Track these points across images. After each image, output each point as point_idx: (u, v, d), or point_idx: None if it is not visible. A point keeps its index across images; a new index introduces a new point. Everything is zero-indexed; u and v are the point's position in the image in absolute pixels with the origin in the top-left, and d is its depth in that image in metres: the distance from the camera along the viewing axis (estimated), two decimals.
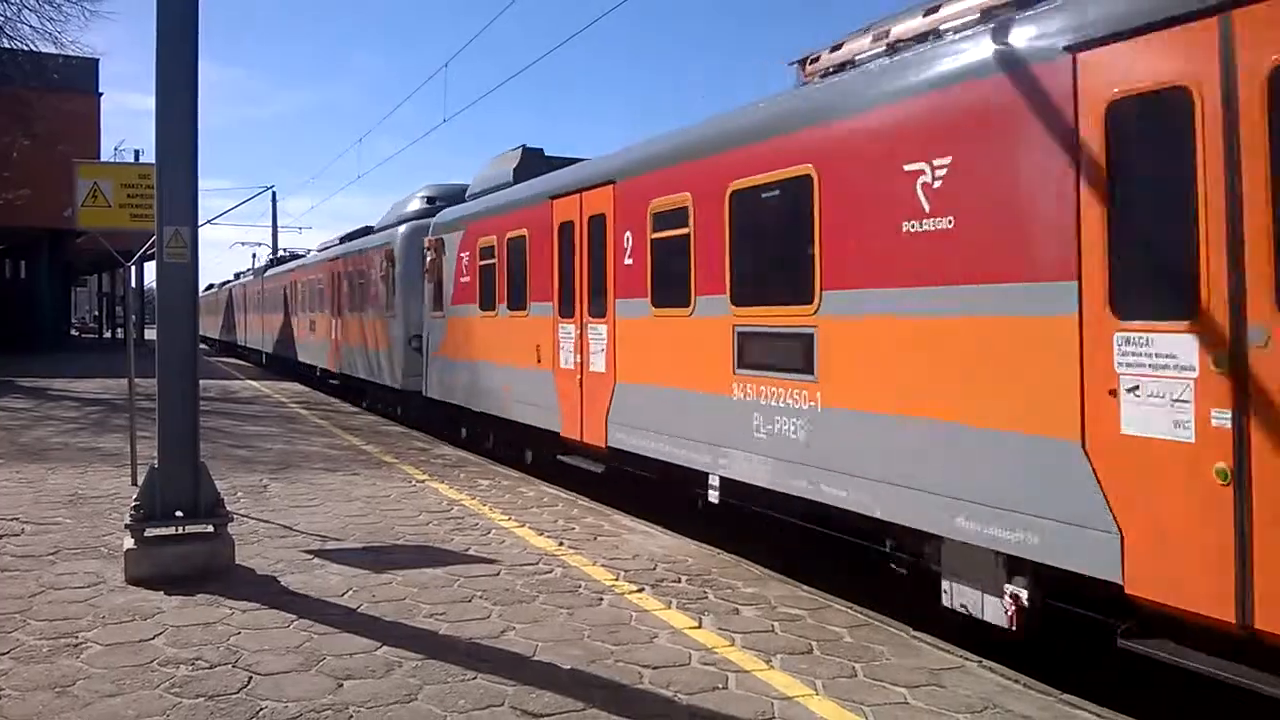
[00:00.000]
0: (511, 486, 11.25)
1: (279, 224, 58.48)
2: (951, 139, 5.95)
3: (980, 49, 5.90)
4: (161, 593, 6.58)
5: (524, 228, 12.30)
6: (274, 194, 59.51)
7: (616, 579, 7.22)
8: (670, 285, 8.97)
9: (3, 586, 6.73)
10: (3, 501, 9.78)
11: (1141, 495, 4.91)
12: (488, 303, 13.60)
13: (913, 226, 6.18)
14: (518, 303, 12.53)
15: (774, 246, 7.70)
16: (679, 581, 7.20)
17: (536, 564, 7.63)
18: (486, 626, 6.04)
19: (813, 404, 7.10)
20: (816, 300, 7.06)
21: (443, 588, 6.88)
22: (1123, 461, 4.99)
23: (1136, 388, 4.94)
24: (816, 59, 7.92)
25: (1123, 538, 4.94)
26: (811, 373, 7.11)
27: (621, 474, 10.31)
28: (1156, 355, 4.86)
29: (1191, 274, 4.69)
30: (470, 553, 7.95)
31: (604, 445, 10.13)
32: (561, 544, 8.33)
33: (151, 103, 7.28)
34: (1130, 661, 5.18)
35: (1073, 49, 5.28)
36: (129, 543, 7.09)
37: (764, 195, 7.69)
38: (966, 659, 5.66)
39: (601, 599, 6.70)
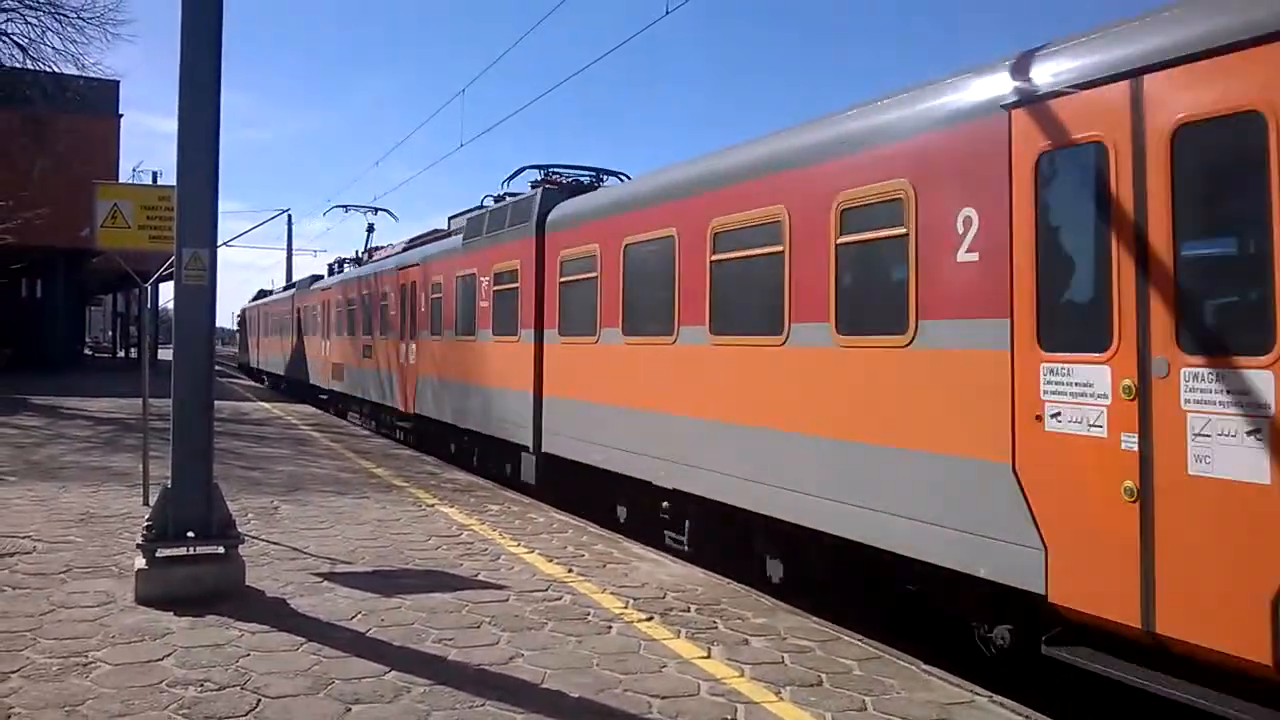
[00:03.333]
0: (521, 512, 11.24)
1: (294, 246, 57.77)
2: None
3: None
4: (171, 613, 6.59)
5: None
6: (290, 217, 59.30)
7: (625, 607, 7.21)
8: None
9: (14, 604, 6.75)
10: (15, 519, 9.82)
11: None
12: None
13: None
14: None
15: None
16: (688, 610, 7.17)
17: (545, 590, 7.62)
18: (495, 653, 6.03)
19: None
20: None
21: (451, 613, 6.88)
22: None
23: None
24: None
25: None
26: None
27: None
28: None
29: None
30: (479, 578, 7.94)
31: None
32: (571, 571, 8.32)
33: (170, 125, 7.40)
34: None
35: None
36: (140, 562, 7.12)
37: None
38: (977, 694, 5.62)
39: (610, 627, 6.69)
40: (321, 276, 32.78)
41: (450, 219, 19.37)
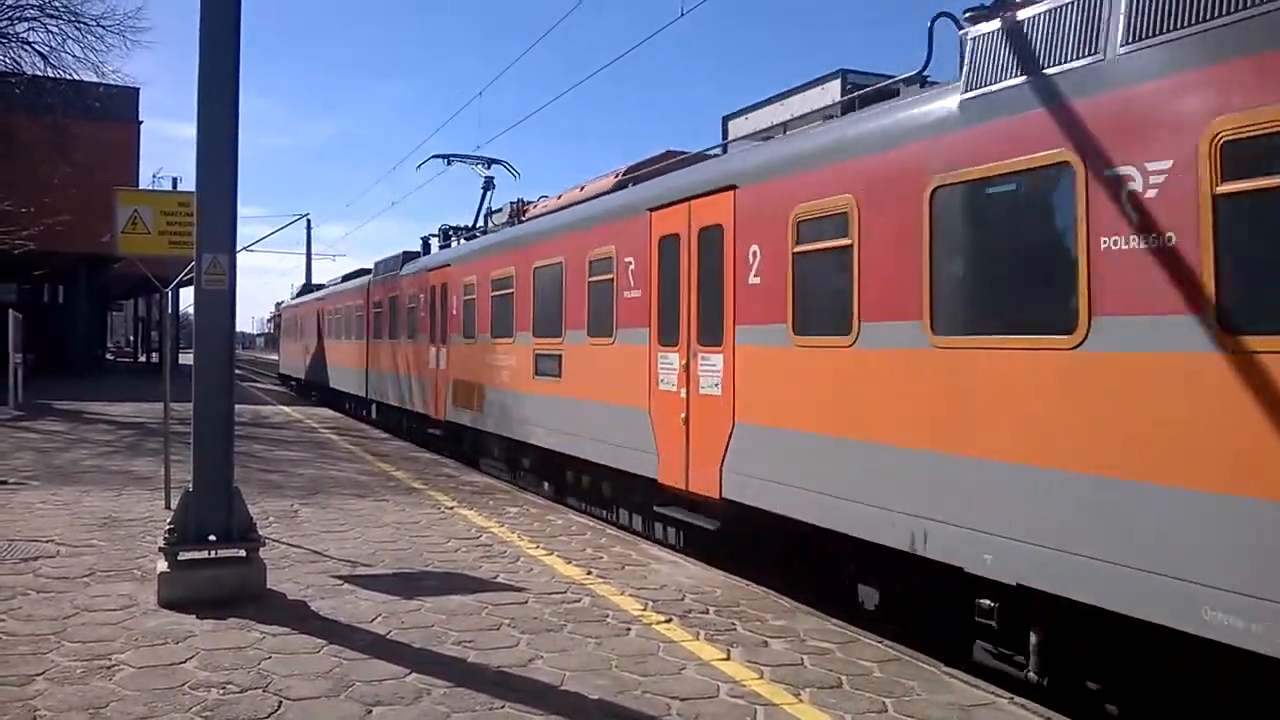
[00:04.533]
0: (540, 514, 11.26)
1: (313, 250, 57.97)
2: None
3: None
4: (193, 616, 6.63)
5: None
6: (309, 221, 59.54)
7: (644, 609, 7.20)
8: None
9: (38, 608, 6.81)
10: (38, 523, 9.91)
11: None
12: None
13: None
14: None
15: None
16: (707, 612, 7.17)
17: (564, 592, 7.62)
18: (514, 655, 6.04)
19: None
20: None
21: (471, 615, 6.89)
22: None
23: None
24: None
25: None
26: None
27: None
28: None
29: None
30: (498, 580, 7.96)
31: None
32: (589, 573, 8.33)
33: (189, 131, 7.48)
34: None
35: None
36: (162, 566, 7.17)
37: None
38: (998, 695, 5.59)
39: (629, 629, 6.69)
40: (416, 254, 22.79)
41: (728, 119, 10.89)
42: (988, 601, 6.28)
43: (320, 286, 38.40)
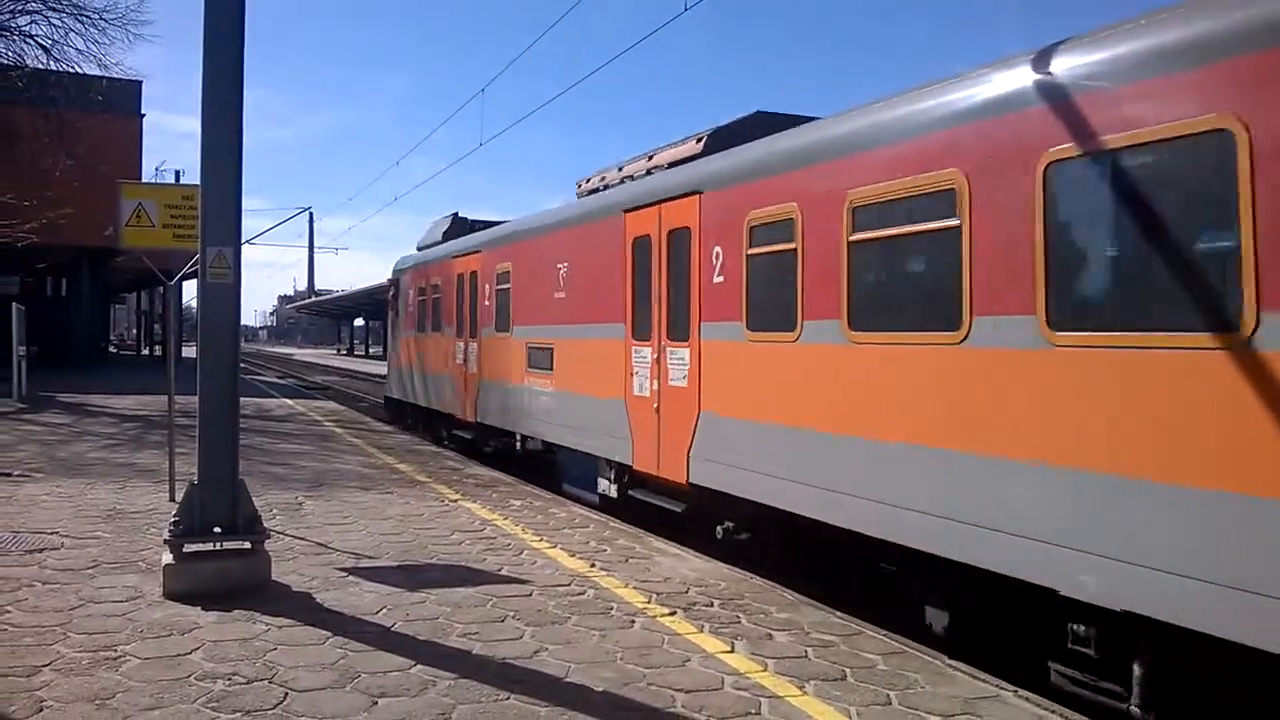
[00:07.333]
0: (543, 507, 11.27)
1: (315, 245, 58.12)
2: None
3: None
4: (199, 608, 6.65)
5: None
6: (311, 215, 59.61)
7: (649, 601, 7.22)
8: None
9: (43, 599, 6.83)
10: (43, 516, 9.93)
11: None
12: None
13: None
14: None
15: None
16: (711, 605, 7.18)
17: (569, 585, 7.64)
18: (519, 647, 6.06)
19: None
20: None
21: (476, 607, 6.91)
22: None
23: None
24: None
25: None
26: None
27: None
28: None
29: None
30: (503, 573, 7.98)
31: None
32: (593, 565, 8.34)
33: (192, 123, 7.77)
34: None
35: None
36: (167, 558, 7.19)
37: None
38: (1002, 688, 5.60)
39: (634, 621, 6.70)
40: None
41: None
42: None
43: (486, 224, 18.63)
